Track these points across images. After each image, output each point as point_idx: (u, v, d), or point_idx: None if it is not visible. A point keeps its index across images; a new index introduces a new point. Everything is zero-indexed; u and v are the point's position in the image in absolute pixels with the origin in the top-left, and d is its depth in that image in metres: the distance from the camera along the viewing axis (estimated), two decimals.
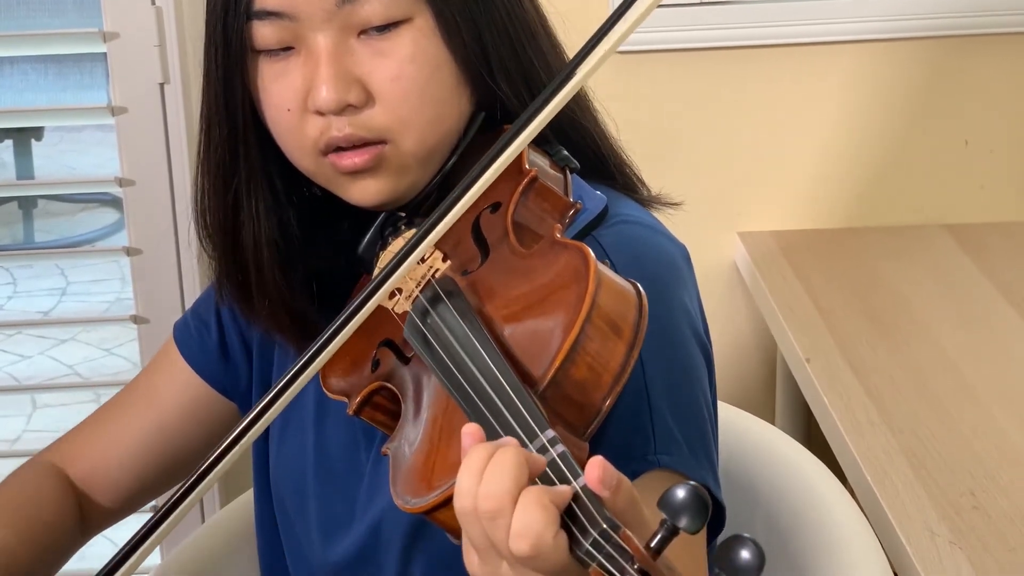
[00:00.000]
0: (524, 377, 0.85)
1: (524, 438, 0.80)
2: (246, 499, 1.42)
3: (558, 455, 0.78)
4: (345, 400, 1.02)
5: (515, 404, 0.82)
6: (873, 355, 1.69)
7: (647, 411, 0.99)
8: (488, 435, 0.81)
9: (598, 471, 0.75)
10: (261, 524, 1.28)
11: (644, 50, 2.02)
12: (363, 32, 1.04)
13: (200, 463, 0.95)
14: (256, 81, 1.07)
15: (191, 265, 1.93)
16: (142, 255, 1.95)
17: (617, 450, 0.90)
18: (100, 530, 1.30)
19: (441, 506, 0.83)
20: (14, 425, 3.50)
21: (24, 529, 1.21)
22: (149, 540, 0.96)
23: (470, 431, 0.81)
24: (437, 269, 1.01)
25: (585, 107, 1.15)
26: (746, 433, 1.44)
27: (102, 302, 4.39)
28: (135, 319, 1.98)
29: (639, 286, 0.90)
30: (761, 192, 2.10)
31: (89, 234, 4.70)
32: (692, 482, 0.72)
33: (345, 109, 1.03)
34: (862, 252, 2.01)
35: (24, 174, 4.57)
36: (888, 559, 1.28)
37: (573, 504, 0.75)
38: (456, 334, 0.91)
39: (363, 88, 1.04)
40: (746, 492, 1.39)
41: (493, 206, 1.01)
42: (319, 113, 1.04)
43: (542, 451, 0.79)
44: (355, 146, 1.05)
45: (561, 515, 0.75)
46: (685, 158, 2.06)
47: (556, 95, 0.95)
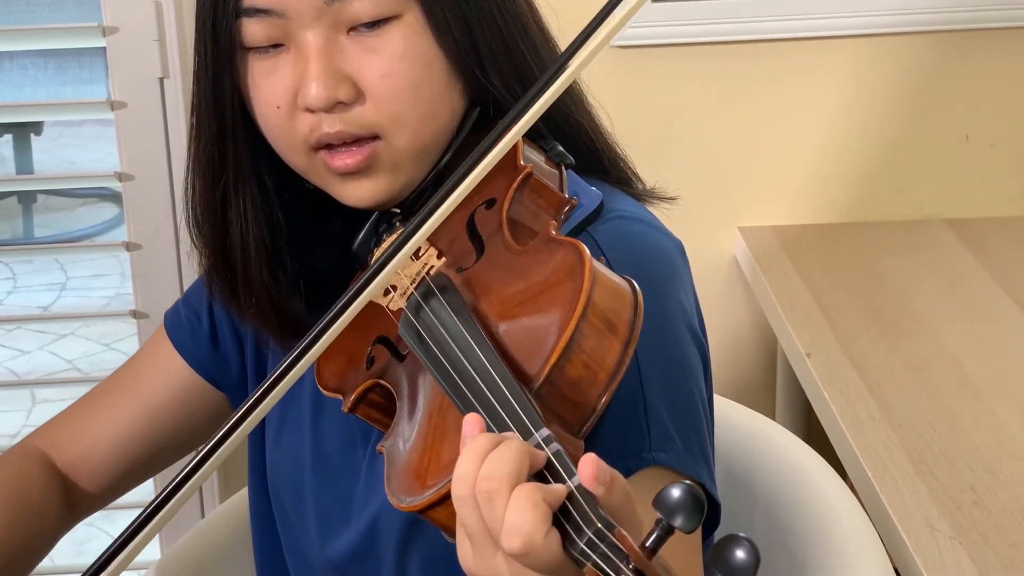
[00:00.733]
0: (519, 375, 0.85)
1: (519, 436, 0.80)
2: (244, 495, 1.41)
3: (553, 453, 0.77)
4: (340, 398, 1.02)
5: (510, 402, 0.82)
6: (873, 350, 1.68)
7: (642, 408, 0.99)
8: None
9: (591, 468, 0.75)
10: (257, 521, 1.28)
11: (643, 45, 2.02)
12: (352, 29, 1.03)
13: (194, 455, 0.95)
14: (246, 79, 1.07)
15: (190, 260, 1.92)
16: (141, 250, 1.95)
17: (612, 447, 0.90)
18: (86, 515, 1.29)
19: (436, 504, 0.83)
20: (14, 420, 3.50)
21: (9, 513, 1.20)
22: (143, 532, 0.96)
23: (472, 419, 0.80)
24: (432, 266, 1.00)
25: (579, 102, 1.14)
26: (746, 428, 1.44)
27: (101, 297, 4.39)
28: (134, 314, 1.98)
29: (635, 283, 0.90)
30: (761, 187, 2.09)
31: (88, 229, 4.70)
32: (687, 481, 0.72)
33: (335, 106, 1.03)
34: (863, 247, 2.01)
35: (23, 169, 4.57)
36: (888, 554, 1.28)
37: (568, 503, 0.75)
38: (451, 331, 0.91)
39: (353, 85, 1.03)
40: (746, 487, 1.39)
41: (488, 202, 1.00)
42: (309, 110, 1.03)
43: (536, 449, 0.78)
44: (346, 143, 1.04)
45: (555, 514, 0.75)
46: (685, 153, 2.06)
47: (548, 88, 0.95)
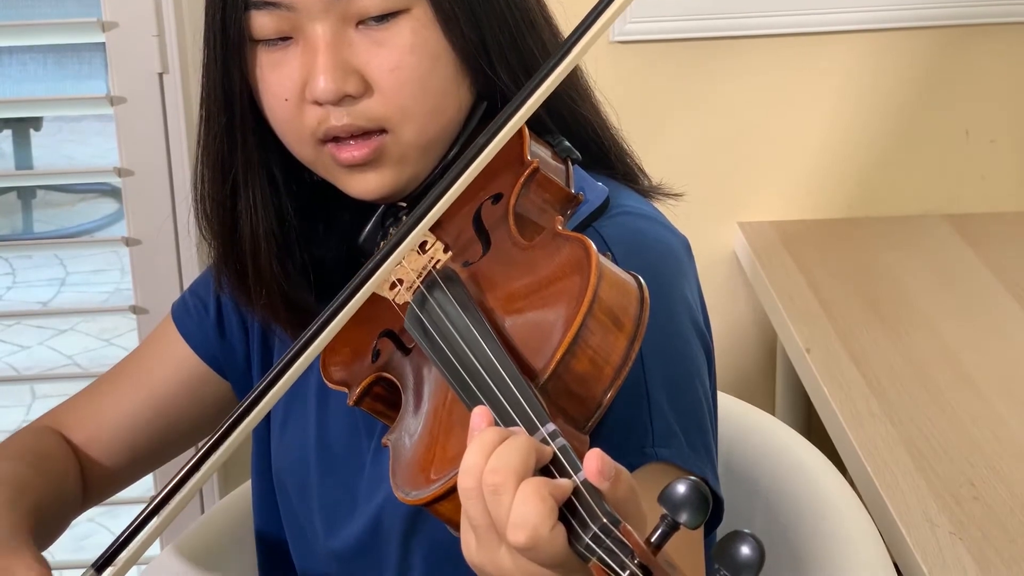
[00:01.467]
0: (525, 370, 0.85)
1: (525, 431, 0.80)
2: (245, 489, 1.42)
3: (559, 449, 0.77)
4: (346, 391, 1.02)
5: (516, 397, 0.82)
6: (873, 345, 1.68)
7: (646, 403, 0.99)
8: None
9: (597, 463, 0.75)
10: (260, 513, 1.28)
11: (643, 40, 2.02)
12: (361, 22, 1.03)
13: (197, 449, 0.95)
14: (254, 71, 1.07)
15: (190, 255, 1.93)
16: (141, 245, 1.95)
17: (615, 443, 0.90)
18: (96, 500, 1.29)
19: (441, 498, 0.83)
20: (13, 415, 3.50)
21: (42, 473, 1.20)
22: (148, 527, 0.96)
23: (480, 412, 0.80)
24: (438, 260, 1.00)
25: (586, 97, 1.14)
26: (746, 423, 1.44)
27: (101, 292, 4.39)
28: (134, 309, 1.98)
29: (641, 279, 0.90)
30: (761, 182, 2.09)
31: (88, 224, 4.71)
32: (693, 477, 0.72)
33: (343, 99, 1.03)
34: (862, 242, 2.01)
35: (23, 164, 4.57)
36: (888, 549, 1.28)
37: (573, 498, 0.75)
38: (457, 325, 0.91)
39: (361, 78, 1.03)
40: (746, 483, 1.39)
41: (495, 197, 1.00)
42: (317, 103, 1.04)
43: (542, 444, 0.78)
44: (354, 136, 1.04)
45: (561, 509, 0.75)
46: (685, 148, 2.06)
47: (551, 75, 0.95)
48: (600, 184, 1.09)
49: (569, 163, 1.06)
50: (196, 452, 0.97)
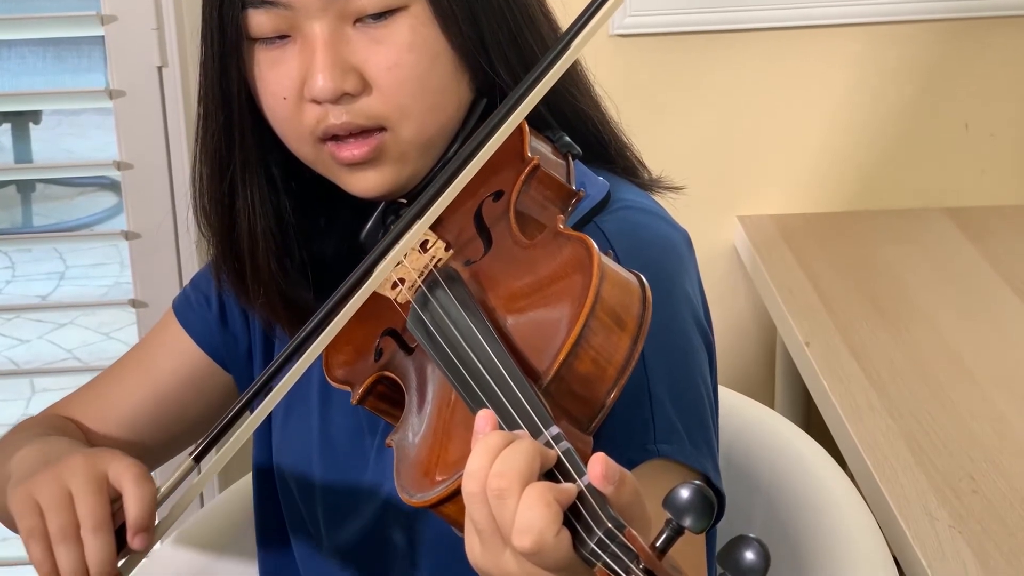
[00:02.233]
0: (528, 371, 0.84)
1: (529, 435, 0.80)
2: (245, 483, 1.42)
3: (563, 452, 0.77)
4: (348, 389, 1.02)
5: (519, 399, 0.81)
6: (873, 339, 1.68)
7: (647, 400, 0.98)
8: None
9: (601, 467, 0.75)
10: (260, 509, 1.28)
11: (643, 34, 2.02)
12: (359, 20, 1.03)
13: (198, 446, 0.96)
14: (252, 70, 1.07)
15: (190, 249, 1.93)
16: (140, 239, 1.95)
17: (617, 439, 0.90)
18: None
19: (446, 500, 0.82)
20: (13, 409, 3.50)
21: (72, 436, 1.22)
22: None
23: (485, 415, 0.80)
24: (440, 259, 1.00)
25: (586, 92, 1.14)
26: (745, 417, 1.44)
27: (100, 286, 4.39)
28: (134, 303, 1.97)
29: (643, 277, 0.89)
30: (761, 176, 2.09)
31: (87, 218, 4.70)
32: (696, 481, 0.72)
33: (342, 98, 1.03)
34: (862, 236, 2.01)
35: (22, 158, 4.57)
36: (888, 543, 1.28)
37: (578, 502, 0.75)
38: (459, 326, 0.91)
39: (359, 76, 1.03)
40: (745, 477, 1.39)
41: (495, 194, 1.00)
42: (315, 102, 1.03)
43: (547, 448, 0.78)
44: (352, 134, 1.04)
45: (566, 513, 0.74)
46: (685, 142, 2.06)
47: (549, 70, 0.95)
48: (601, 179, 1.08)
49: (570, 158, 1.05)
50: (197, 447, 0.97)
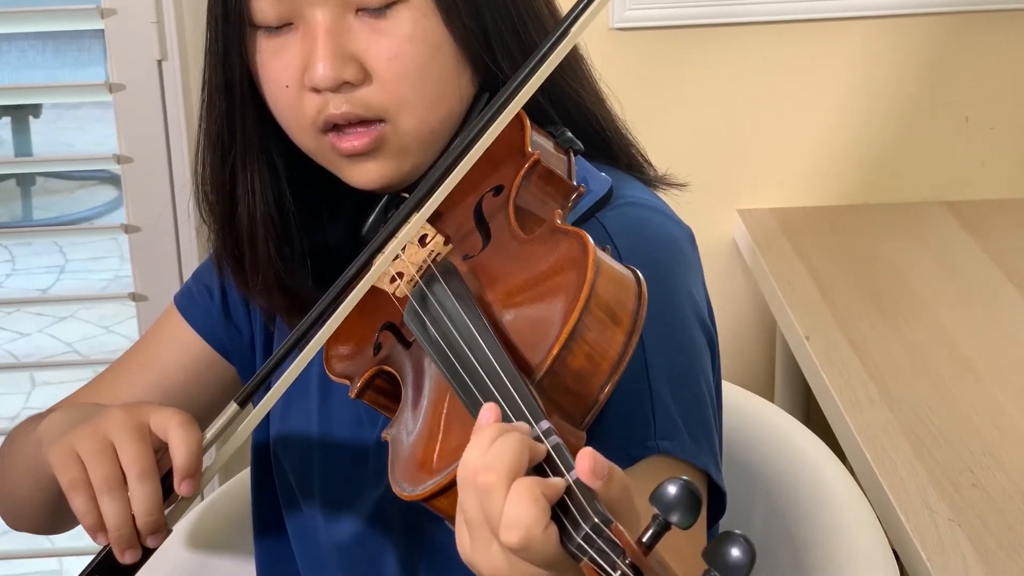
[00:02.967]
0: (521, 365, 0.84)
1: (525, 426, 0.79)
2: (245, 476, 1.42)
3: (552, 447, 0.77)
4: (347, 383, 1.02)
5: (511, 393, 0.81)
6: (873, 332, 1.68)
7: (647, 396, 0.98)
8: None
9: (589, 462, 0.74)
10: (258, 502, 1.28)
11: (643, 27, 2.01)
12: (361, 10, 1.03)
13: (244, 386, 0.97)
14: (255, 57, 1.07)
15: (190, 242, 1.93)
16: (140, 233, 1.95)
17: (617, 435, 0.90)
18: None
19: (438, 494, 0.82)
20: (13, 403, 3.50)
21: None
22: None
23: (489, 408, 0.80)
24: (439, 253, 1.00)
25: (590, 88, 1.14)
26: (745, 411, 1.44)
27: (100, 280, 4.39)
28: (134, 297, 1.98)
29: (638, 272, 0.89)
30: (761, 169, 2.09)
31: (87, 211, 4.70)
32: (684, 477, 0.72)
33: (341, 87, 1.03)
34: (862, 229, 2.01)
35: (22, 151, 4.57)
36: (887, 536, 1.28)
37: (566, 497, 0.74)
38: (454, 320, 0.91)
39: (360, 66, 1.03)
40: (745, 470, 1.39)
41: (496, 189, 1.00)
42: (315, 90, 1.03)
43: (536, 442, 0.78)
44: (352, 124, 1.04)
45: (553, 508, 0.74)
46: (685, 135, 2.06)
47: (548, 57, 0.95)
48: (603, 175, 1.08)
49: (571, 154, 1.05)
50: (240, 393, 0.98)
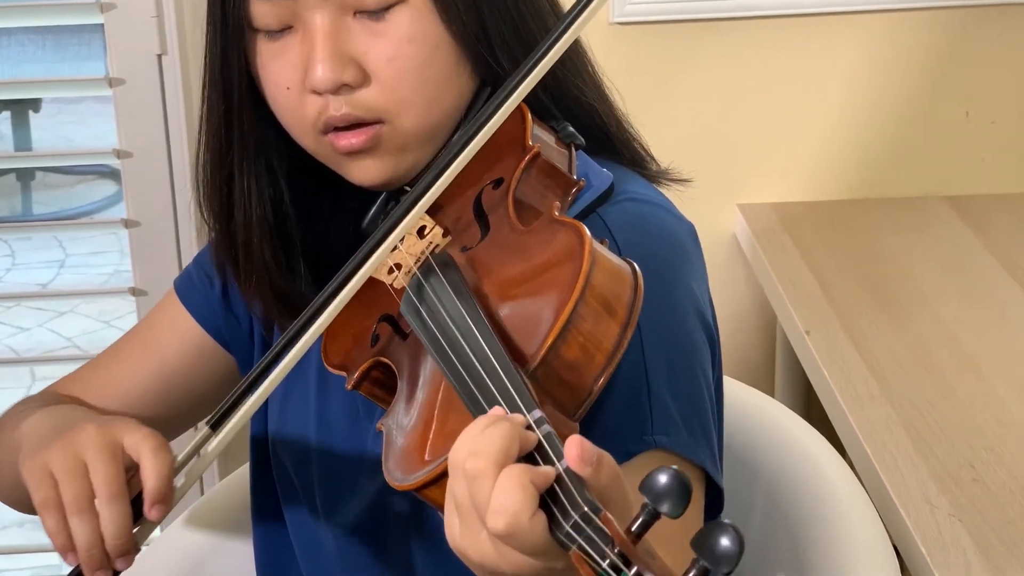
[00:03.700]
0: (516, 356, 0.85)
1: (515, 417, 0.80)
2: (243, 472, 1.42)
3: (543, 436, 0.77)
4: (344, 375, 1.02)
5: (503, 382, 0.82)
6: (873, 327, 1.68)
7: (645, 391, 0.98)
8: (475, 413, 0.81)
9: (577, 449, 0.74)
10: (257, 495, 1.28)
11: (643, 22, 2.01)
12: (360, 12, 1.03)
13: (217, 408, 0.96)
14: (255, 60, 1.07)
15: (190, 237, 1.93)
16: (140, 227, 1.95)
17: (614, 429, 0.90)
18: None
19: (430, 484, 0.83)
20: (13, 397, 3.47)
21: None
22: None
23: (493, 411, 0.81)
24: (437, 245, 1.00)
25: (592, 83, 1.14)
26: (746, 406, 1.44)
27: (101, 274, 4.39)
28: (134, 291, 1.97)
29: (635, 265, 0.89)
30: (761, 164, 2.09)
31: (87, 206, 4.70)
32: (674, 467, 0.72)
33: (341, 88, 1.03)
34: (862, 224, 2.01)
35: (22, 146, 4.57)
36: (887, 532, 1.28)
37: (555, 485, 0.74)
38: (449, 311, 0.91)
39: (359, 68, 1.03)
40: (746, 465, 1.39)
41: (496, 182, 1.00)
42: (316, 92, 1.04)
43: (527, 431, 0.78)
44: (352, 126, 1.04)
45: (543, 496, 0.74)
46: (685, 130, 2.05)
47: (548, 53, 0.95)
48: (605, 170, 1.08)
49: (572, 148, 1.06)
50: (212, 416, 0.98)
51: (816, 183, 2.10)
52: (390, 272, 1.01)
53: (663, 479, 0.71)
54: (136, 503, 1.00)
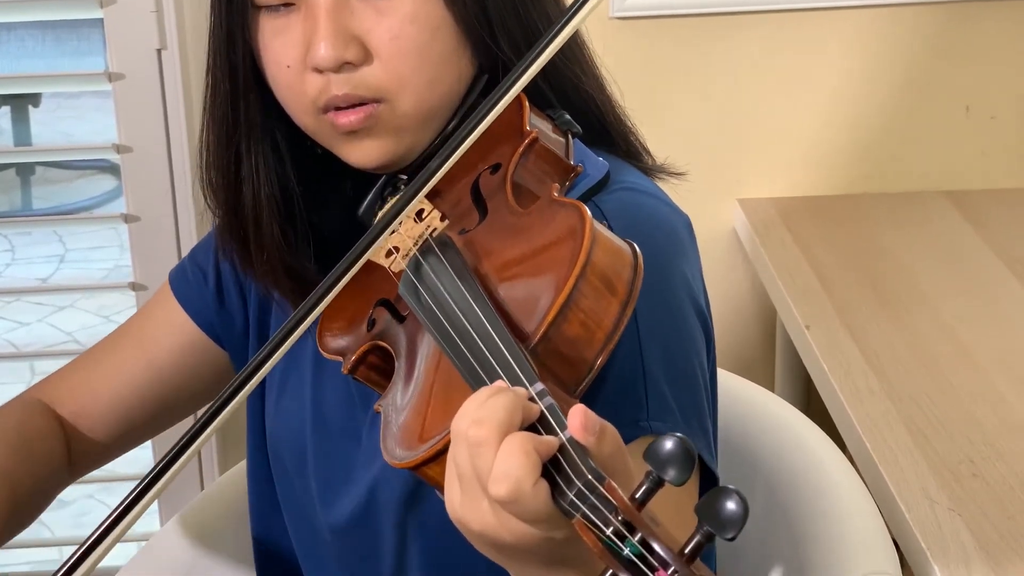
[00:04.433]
0: (517, 332, 0.85)
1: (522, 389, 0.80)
2: (243, 468, 1.42)
3: (546, 407, 0.78)
4: (340, 360, 1.03)
5: (505, 358, 0.82)
6: (873, 322, 1.68)
7: (641, 377, 0.98)
8: (477, 388, 0.81)
9: (580, 417, 0.75)
10: (255, 488, 1.28)
11: (643, 16, 2.01)
12: None
13: (196, 418, 0.95)
14: (257, 38, 1.07)
15: (189, 232, 1.93)
16: (140, 222, 1.95)
17: (610, 415, 0.89)
18: (86, 471, 1.29)
19: (429, 461, 0.83)
20: (12, 392, 3.48)
21: (15, 453, 1.20)
22: (146, 497, 0.96)
23: (497, 384, 0.81)
24: (435, 228, 1.01)
25: (591, 74, 1.14)
26: (745, 400, 1.44)
27: (100, 269, 4.39)
28: (133, 286, 1.98)
29: (635, 245, 0.90)
30: (761, 159, 2.09)
31: (87, 201, 4.71)
32: (678, 434, 0.72)
33: (343, 67, 1.03)
34: (862, 219, 2.01)
35: (21, 141, 4.57)
36: (887, 526, 1.28)
37: (559, 455, 0.75)
38: (449, 290, 0.91)
39: (361, 46, 1.03)
40: (745, 459, 1.39)
41: (493, 167, 1.01)
42: (317, 70, 1.04)
43: (530, 403, 0.78)
44: (352, 105, 1.05)
45: (546, 465, 0.75)
46: (685, 125, 2.06)
47: (550, 44, 0.96)
48: (601, 159, 1.09)
49: (569, 136, 1.06)
50: (195, 420, 0.97)
51: (816, 178, 2.10)
52: (388, 255, 1.01)
53: (668, 445, 0.71)
54: None
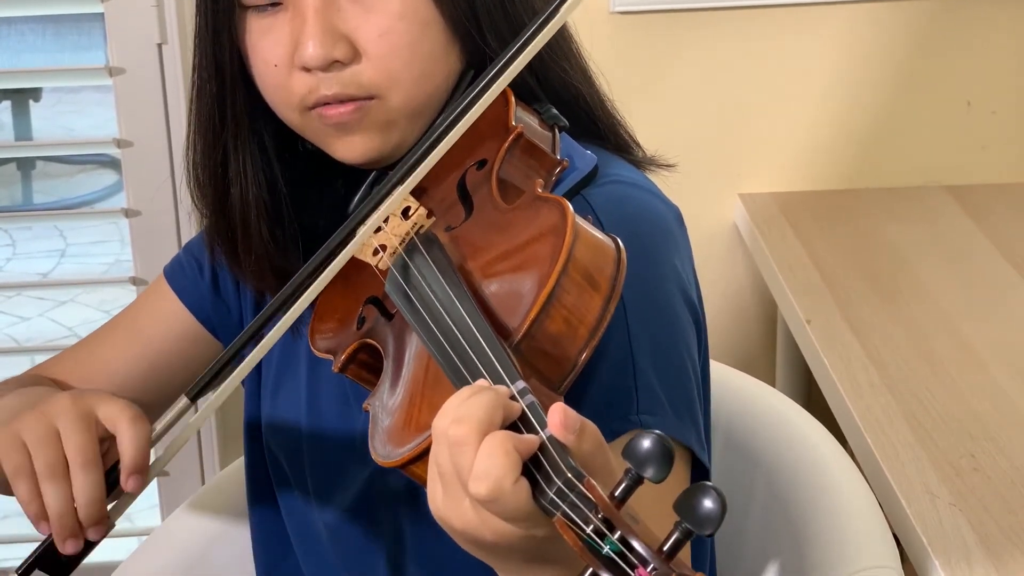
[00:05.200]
0: (500, 330, 0.85)
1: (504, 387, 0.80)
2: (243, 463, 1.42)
3: (527, 406, 0.78)
4: (331, 358, 1.03)
5: (487, 355, 0.82)
6: (873, 316, 1.68)
7: (630, 370, 0.98)
8: (460, 386, 0.81)
9: (560, 415, 0.75)
10: (252, 481, 1.28)
11: (643, 11, 2.01)
12: None
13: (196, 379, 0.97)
14: (244, 38, 1.07)
15: (190, 226, 1.93)
16: (141, 216, 1.95)
17: (599, 409, 0.90)
18: None
19: (416, 459, 0.83)
20: None
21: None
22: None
23: (479, 383, 0.81)
24: (421, 226, 1.01)
25: (577, 67, 1.14)
26: (746, 395, 1.44)
27: (101, 264, 4.39)
28: (134, 281, 1.98)
29: (618, 240, 0.90)
30: (762, 153, 2.09)
31: (88, 195, 4.71)
32: (657, 431, 0.72)
33: (331, 65, 1.03)
34: (863, 213, 2.01)
35: (22, 135, 4.57)
36: (888, 521, 1.28)
37: (539, 454, 0.75)
38: (434, 288, 0.92)
39: (350, 44, 1.04)
40: (746, 454, 1.39)
41: (479, 163, 1.01)
42: (306, 69, 1.04)
43: (511, 401, 0.78)
44: (343, 103, 1.05)
45: (527, 464, 0.75)
46: (686, 119, 2.05)
47: (535, 38, 0.96)
48: (589, 153, 1.08)
49: (556, 130, 1.06)
50: (192, 388, 0.98)
51: (817, 172, 2.10)
52: (375, 253, 1.02)
53: (646, 444, 0.71)
54: (111, 475, 1.00)
